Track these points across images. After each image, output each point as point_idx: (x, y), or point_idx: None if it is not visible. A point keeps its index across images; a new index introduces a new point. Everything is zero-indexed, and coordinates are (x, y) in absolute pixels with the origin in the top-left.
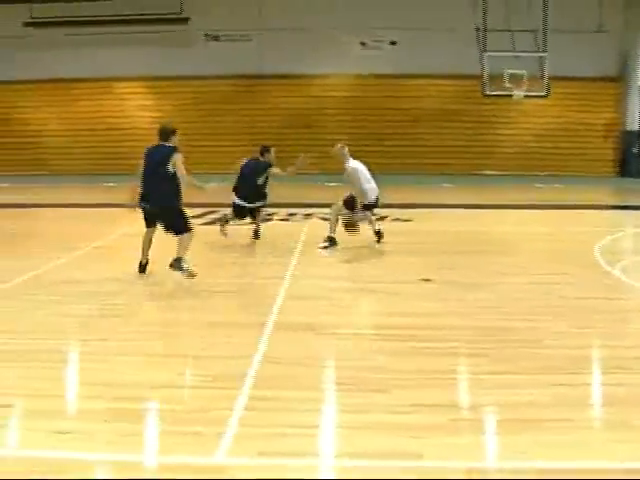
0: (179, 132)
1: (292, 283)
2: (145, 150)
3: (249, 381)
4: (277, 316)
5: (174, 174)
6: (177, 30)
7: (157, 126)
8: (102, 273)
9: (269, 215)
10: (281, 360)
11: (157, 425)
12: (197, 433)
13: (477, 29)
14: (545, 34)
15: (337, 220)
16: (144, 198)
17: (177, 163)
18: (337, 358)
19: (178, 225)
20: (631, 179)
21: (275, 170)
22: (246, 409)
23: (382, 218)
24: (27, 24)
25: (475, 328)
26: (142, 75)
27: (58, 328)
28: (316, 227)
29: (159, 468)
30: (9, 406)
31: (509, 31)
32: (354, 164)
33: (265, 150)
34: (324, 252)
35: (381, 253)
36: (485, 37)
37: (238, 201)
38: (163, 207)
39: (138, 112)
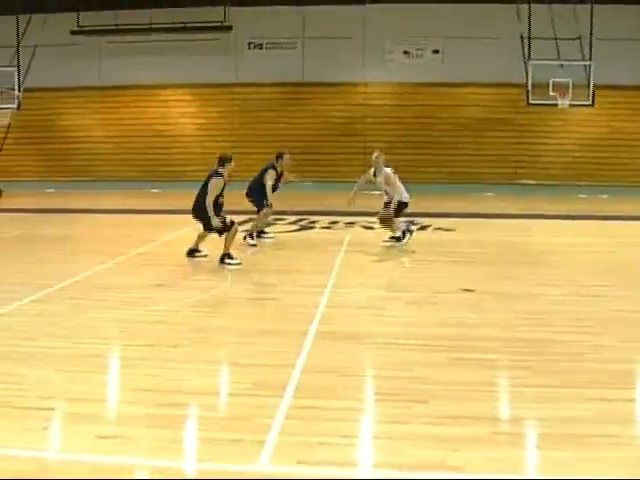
0: (223, 139)
1: (333, 292)
2: None
3: (290, 389)
4: (318, 325)
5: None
6: (221, 38)
7: (201, 133)
8: (145, 279)
9: (311, 223)
10: (322, 369)
11: (198, 432)
12: (238, 440)
13: (521, 37)
14: (591, 42)
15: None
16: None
17: (210, 185)
18: (377, 368)
19: (214, 227)
20: None
21: (268, 174)
22: (286, 418)
23: (424, 227)
24: (74, 32)
25: (517, 340)
26: (187, 82)
27: (101, 333)
28: (358, 235)
29: (199, 474)
30: (52, 409)
31: (554, 39)
32: (388, 169)
33: (279, 156)
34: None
35: (423, 262)
36: (529, 45)
37: None
38: (199, 218)
39: (183, 119)
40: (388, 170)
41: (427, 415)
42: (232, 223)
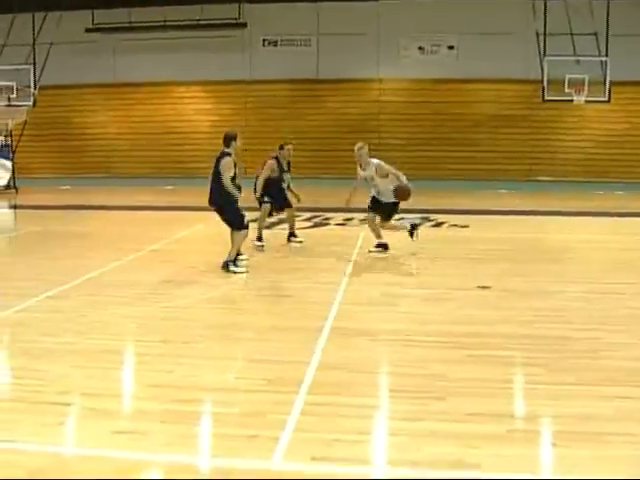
0: (240, 136)
1: (348, 288)
2: None
3: (305, 386)
4: (333, 321)
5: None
6: (235, 35)
7: (215, 130)
8: (160, 276)
9: (326, 220)
10: (337, 366)
11: (213, 428)
12: (252, 436)
13: (537, 33)
14: (607, 38)
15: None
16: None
17: (221, 166)
18: (393, 365)
19: (231, 221)
20: None
21: (267, 166)
22: (301, 414)
23: (439, 224)
24: (89, 30)
25: (533, 337)
26: (201, 79)
27: (116, 329)
28: None
29: (213, 470)
30: (69, 405)
31: (570, 35)
32: (376, 160)
33: (280, 147)
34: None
35: (438, 259)
36: (545, 41)
37: None
38: (217, 207)
39: (197, 116)
40: (376, 161)
41: (443, 412)
42: (247, 225)
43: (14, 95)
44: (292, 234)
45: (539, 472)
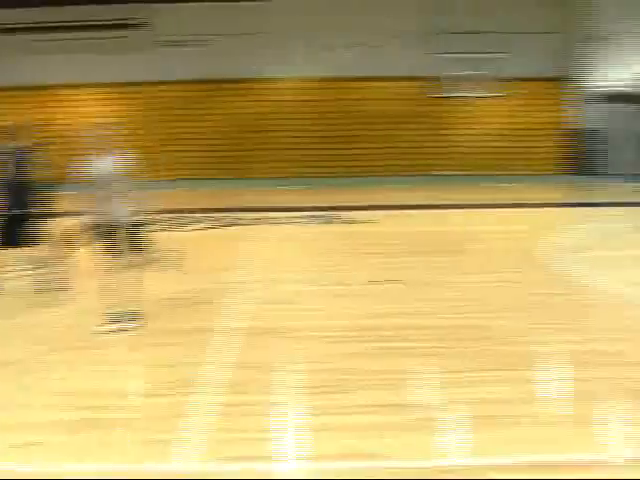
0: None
1: (255, 288)
2: None
3: (213, 386)
4: (243, 321)
5: None
6: (131, 35)
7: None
8: None
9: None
10: (250, 365)
11: (117, 434)
12: (159, 441)
13: (437, 33)
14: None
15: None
16: None
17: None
18: (303, 362)
19: None
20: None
21: None
22: (210, 414)
23: (352, 223)
24: None
25: (438, 327)
26: (99, 82)
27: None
28: (267, 230)
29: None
30: None
31: (475, 33)
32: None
33: None
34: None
35: (342, 255)
36: (441, 39)
37: None
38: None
39: (88, 119)
40: (118, 155)
41: (352, 405)
42: None
43: None
44: None
45: (451, 456)
